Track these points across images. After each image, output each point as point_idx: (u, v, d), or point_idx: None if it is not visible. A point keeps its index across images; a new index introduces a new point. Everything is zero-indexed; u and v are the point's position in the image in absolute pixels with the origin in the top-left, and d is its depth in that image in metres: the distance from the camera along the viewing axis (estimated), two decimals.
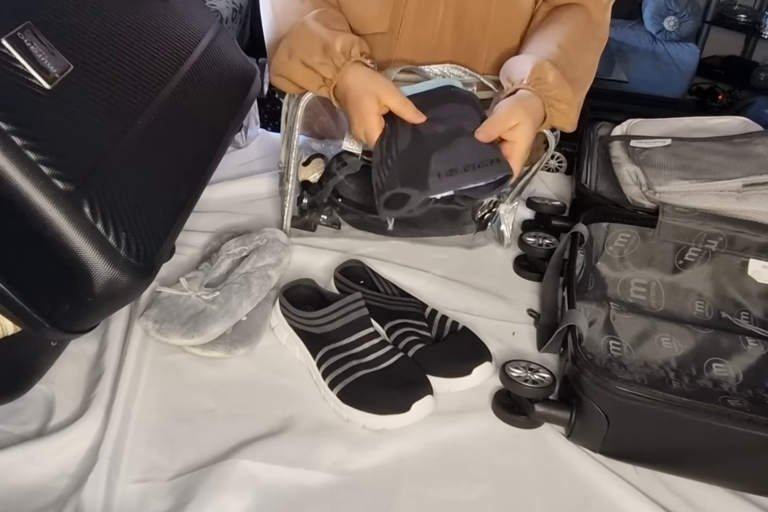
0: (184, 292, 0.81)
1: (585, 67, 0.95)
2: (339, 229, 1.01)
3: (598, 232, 0.94)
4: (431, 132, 0.80)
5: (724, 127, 1.13)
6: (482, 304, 0.90)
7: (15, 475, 0.64)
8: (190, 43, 0.87)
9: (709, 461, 0.68)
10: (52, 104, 0.61)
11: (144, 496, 0.64)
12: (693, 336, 0.82)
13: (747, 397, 0.76)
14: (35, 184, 0.56)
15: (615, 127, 1.15)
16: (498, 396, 0.75)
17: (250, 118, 1.20)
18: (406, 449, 0.70)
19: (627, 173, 1.02)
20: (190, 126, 0.80)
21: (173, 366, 0.77)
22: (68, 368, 0.75)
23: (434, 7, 1.00)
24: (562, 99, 0.85)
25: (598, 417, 0.68)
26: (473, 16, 1.01)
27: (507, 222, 1.01)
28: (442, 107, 0.82)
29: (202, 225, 0.99)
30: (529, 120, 0.82)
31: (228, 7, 2.57)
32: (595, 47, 0.99)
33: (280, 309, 0.82)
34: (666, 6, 3.03)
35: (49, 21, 0.65)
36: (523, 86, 0.84)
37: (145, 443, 0.68)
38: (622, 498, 0.66)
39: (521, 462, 0.70)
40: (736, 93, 3.30)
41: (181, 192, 0.74)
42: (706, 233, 0.91)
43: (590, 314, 0.84)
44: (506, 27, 1.03)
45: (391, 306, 0.83)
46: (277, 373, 0.78)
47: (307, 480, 0.66)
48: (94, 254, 0.59)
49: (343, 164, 0.96)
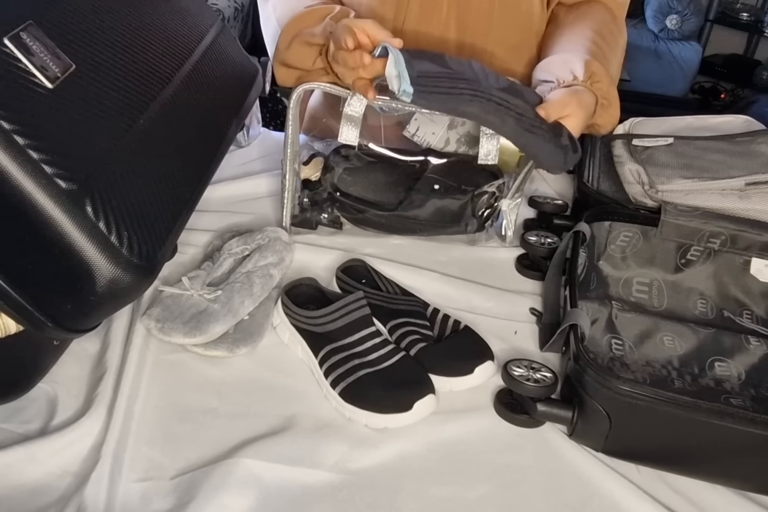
0: (186, 291, 0.81)
1: (617, 65, 0.97)
2: (340, 228, 1.00)
3: (601, 231, 0.94)
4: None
5: (727, 126, 1.13)
6: (484, 303, 0.90)
7: (17, 474, 0.64)
8: (192, 42, 0.87)
9: (711, 460, 0.68)
10: (54, 103, 0.61)
11: (146, 495, 0.64)
12: (695, 335, 0.82)
13: (749, 396, 0.76)
14: (37, 184, 0.56)
15: (617, 126, 1.15)
16: (500, 395, 0.75)
17: (251, 117, 1.20)
18: (408, 448, 0.70)
19: (629, 172, 1.02)
20: (191, 125, 0.81)
21: (175, 365, 0.77)
22: (71, 367, 0.75)
23: (438, 5, 1.00)
24: (611, 99, 0.87)
25: (600, 416, 0.68)
26: (476, 14, 1.01)
27: (509, 220, 1.00)
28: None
29: (204, 224, 0.99)
30: (582, 113, 0.83)
31: (230, 6, 2.57)
32: (622, 45, 1.01)
33: (282, 308, 0.82)
34: (668, 4, 3.02)
35: (51, 20, 0.65)
36: (578, 83, 0.85)
37: (147, 442, 0.68)
38: (624, 497, 0.66)
39: (523, 461, 0.70)
40: (738, 91, 3.29)
41: (183, 191, 0.74)
42: (709, 232, 0.91)
43: (592, 313, 0.84)
44: (510, 24, 1.03)
45: (393, 305, 0.83)
46: (279, 372, 0.78)
47: (309, 479, 0.66)
48: (96, 253, 0.59)
49: (341, 158, 0.96)
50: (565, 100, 0.82)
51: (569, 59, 0.89)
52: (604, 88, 0.86)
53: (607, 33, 0.97)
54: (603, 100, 0.86)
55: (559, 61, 0.90)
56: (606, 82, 0.86)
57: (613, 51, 0.95)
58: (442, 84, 0.77)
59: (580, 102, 0.83)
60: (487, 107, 0.78)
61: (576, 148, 0.82)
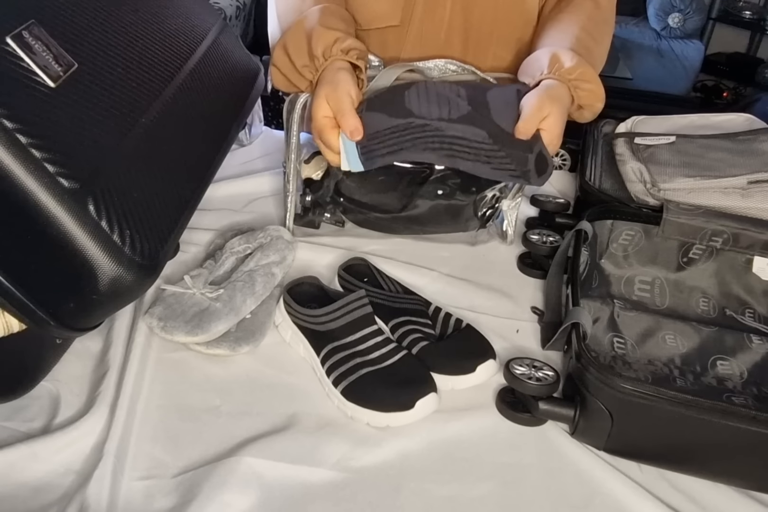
0: (188, 290, 0.81)
1: (601, 53, 0.96)
2: (343, 226, 1.01)
3: (602, 230, 0.94)
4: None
5: (729, 124, 1.13)
6: (486, 302, 0.90)
7: (20, 472, 0.64)
8: (194, 40, 0.87)
9: (713, 458, 0.68)
10: (57, 102, 0.61)
11: (149, 493, 0.64)
12: (697, 334, 0.82)
13: (751, 395, 0.76)
14: (40, 182, 0.56)
15: (619, 125, 1.15)
16: (502, 394, 0.75)
17: (253, 115, 1.20)
18: (410, 446, 0.70)
19: (631, 170, 1.02)
20: (193, 124, 0.81)
21: (177, 364, 0.77)
22: (73, 365, 0.75)
23: (442, 3, 1.00)
24: (586, 78, 0.86)
25: (602, 415, 0.68)
26: (481, 11, 1.01)
27: (510, 219, 1.00)
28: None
29: (206, 223, 0.99)
30: (558, 108, 0.82)
31: (232, 5, 2.58)
32: (607, 32, 1.00)
33: (284, 307, 0.82)
34: (671, 3, 3.02)
35: (53, 19, 0.65)
36: (544, 76, 0.85)
37: (149, 440, 0.69)
38: (626, 496, 0.66)
39: (525, 460, 0.70)
40: (740, 90, 3.29)
41: (185, 190, 0.74)
42: (711, 230, 0.91)
43: (594, 311, 0.84)
44: (514, 21, 1.03)
45: (395, 303, 0.83)
46: (281, 371, 0.78)
47: (311, 477, 0.66)
48: (99, 252, 0.59)
49: None
50: (540, 103, 0.82)
51: (539, 56, 0.89)
52: (572, 72, 0.85)
53: (590, 23, 0.96)
54: (575, 82, 0.85)
55: (533, 60, 0.90)
56: (573, 65, 0.85)
57: (596, 40, 0.95)
58: (392, 140, 0.81)
59: (551, 97, 0.83)
60: (439, 152, 0.81)
61: (543, 168, 0.81)
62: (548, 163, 0.82)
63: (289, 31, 0.89)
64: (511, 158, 0.80)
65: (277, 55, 0.89)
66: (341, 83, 0.82)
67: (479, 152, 0.80)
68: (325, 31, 0.86)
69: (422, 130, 0.81)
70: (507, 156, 0.80)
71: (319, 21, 0.88)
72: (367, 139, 0.81)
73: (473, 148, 0.80)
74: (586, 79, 0.86)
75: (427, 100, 0.83)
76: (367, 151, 0.82)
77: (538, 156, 0.81)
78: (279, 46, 0.89)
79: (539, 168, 0.81)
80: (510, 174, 0.81)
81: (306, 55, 0.86)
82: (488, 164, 0.81)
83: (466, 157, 0.81)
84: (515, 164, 0.81)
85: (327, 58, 0.85)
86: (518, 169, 0.81)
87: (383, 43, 1.01)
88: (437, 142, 0.81)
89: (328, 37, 0.85)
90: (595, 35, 0.95)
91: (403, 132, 0.81)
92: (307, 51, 0.86)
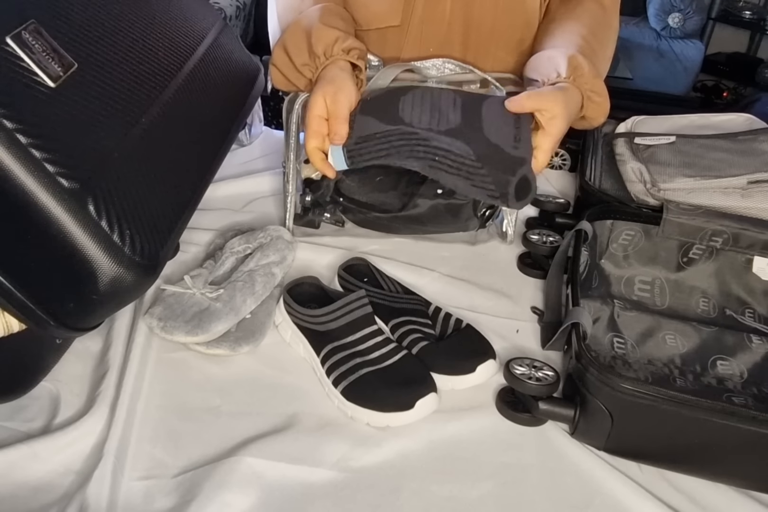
0: (188, 290, 0.81)
1: (606, 58, 0.96)
2: (343, 226, 1.01)
3: (602, 230, 0.94)
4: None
5: (729, 124, 1.13)
6: (486, 302, 0.90)
7: (20, 472, 0.64)
8: (194, 40, 0.87)
9: (713, 459, 0.68)
10: (57, 102, 0.61)
11: (149, 493, 0.64)
12: (697, 334, 0.82)
13: (751, 395, 0.76)
14: (40, 182, 0.56)
15: (619, 124, 1.15)
16: (502, 394, 0.75)
17: (253, 115, 1.20)
18: (410, 446, 0.70)
19: (631, 170, 1.02)
20: (193, 124, 0.81)
21: (177, 364, 0.77)
22: (73, 365, 0.75)
23: (442, 3, 1.00)
24: (598, 91, 0.86)
25: (602, 415, 0.68)
26: (481, 12, 1.01)
27: (510, 219, 1.00)
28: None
29: (206, 223, 0.99)
30: (566, 114, 0.82)
31: (231, 4, 2.58)
32: (612, 37, 1.00)
33: (283, 307, 0.82)
34: (671, 3, 3.02)
35: (53, 19, 0.65)
36: (562, 80, 0.85)
37: (149, 440, 0.69)
38: (626, 496, 0.66)
39: (525, 460, 0.70)
40: (741, 90, 3.28)
41: (185, 190, 0.74)
42: (711, 230, 0.91)
43: (594, 311, 0.84)
44: (514, 22, 1.03)
45: (394, 303, 0.83)
46: (281, 371, 0.78)
47: (312, 477, 0.66)
48: (99, 252, 0.59)
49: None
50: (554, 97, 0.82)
51: (554, 56, 0.89)
52: (589, 82, 0.85)
53: (597, 27, 0.96)
54: (590, 93, 0.86)
55: (545, 59, 0.90)
56: (590, 75, 0.85)
57: (602, 43, 0.95)
58: (380, 145, 0.82)
59: (566, 102, 0.83)
60: (423, 162, 0.81)
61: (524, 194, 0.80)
62: (531, 189, 0.80)
63: (288, 30, 0.89)
64: (492, 178, 0.79)
65: (277, 54, 0.89)
66: (344, 88, 0.82)
67: (461, 167, 0.80)
68: (325, 30, 0.86)
69: (409, 138, 0.81)
70: (488, 175, 0.79)
71: (320, 19, 0.88)
72: (356, 142, 0.82)
73: (456, 162, 0.80)
74: (598, 91, 0.87)
75: (420, 108, 0.84)
76: (355, 154, 0.82)
77: (521, 180, 0.79)
78: (278, 44, 0.89)
79: (520, 192, 0.80)
80: (488, 194, 0.80)
81: (306, 54, 0.86)
82: (468, 180, 0.80)
83: (448, 169, 0.80)
84: (495, 185, 0.79)
85: (328, 58, 0.85)
86: (498, 190, 0.79)
87: (383, 43, 1.01)
88: (422, 152, 0.81)
89: (329, 35, 0.85)
90: (602, 40, 0.96)
91: (391, 138, 0.81)
92: (307, 49, 0.86)
